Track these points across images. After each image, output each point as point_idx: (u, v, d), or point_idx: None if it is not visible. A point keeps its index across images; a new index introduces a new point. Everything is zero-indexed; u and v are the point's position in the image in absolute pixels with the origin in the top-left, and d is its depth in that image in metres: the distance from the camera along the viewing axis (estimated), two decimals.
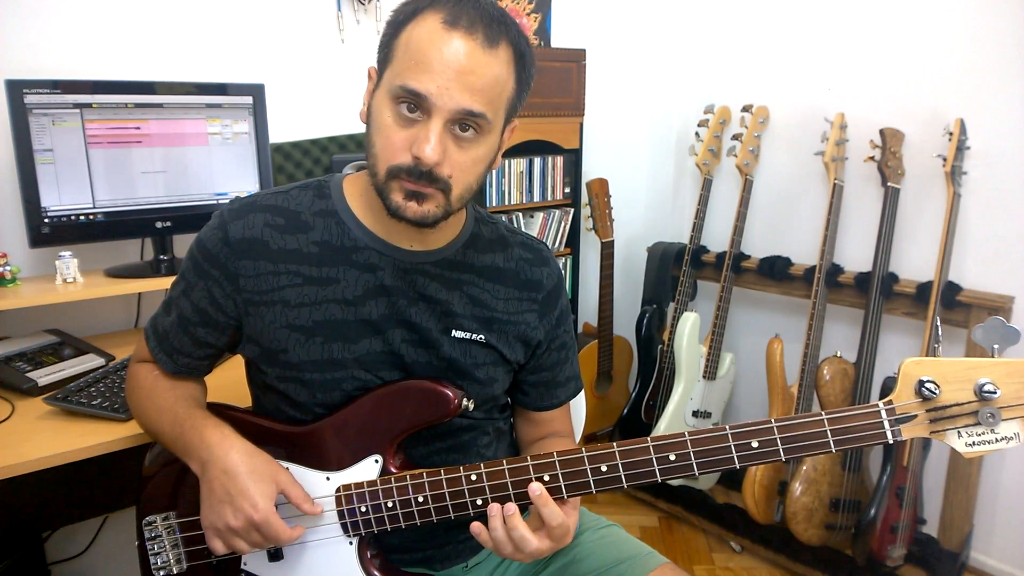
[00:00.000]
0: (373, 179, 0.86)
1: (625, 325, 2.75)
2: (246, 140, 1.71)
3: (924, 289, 2.02)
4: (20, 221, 1.49)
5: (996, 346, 0.75)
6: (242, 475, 0.87)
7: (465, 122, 0.82)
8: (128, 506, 1.70)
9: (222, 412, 1.01)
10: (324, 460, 0.94)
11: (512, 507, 0.84)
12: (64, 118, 1.47)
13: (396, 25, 0.84)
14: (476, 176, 0.87)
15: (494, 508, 0.85)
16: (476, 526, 0.85)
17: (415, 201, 0.84)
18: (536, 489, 0.83)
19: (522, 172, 2.41)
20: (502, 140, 0.91)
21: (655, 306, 2.55)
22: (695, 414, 2.36)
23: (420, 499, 0.89)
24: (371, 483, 0.92)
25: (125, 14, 1.70)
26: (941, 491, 2.06)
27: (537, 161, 2.44)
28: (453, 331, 0.97)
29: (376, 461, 0.93)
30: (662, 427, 2.31)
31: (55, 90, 1.46)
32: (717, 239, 2.58)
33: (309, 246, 0.93)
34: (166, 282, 1.57)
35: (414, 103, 0.81)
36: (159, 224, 1.62)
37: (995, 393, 0.73)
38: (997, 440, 0.75)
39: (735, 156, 2.35)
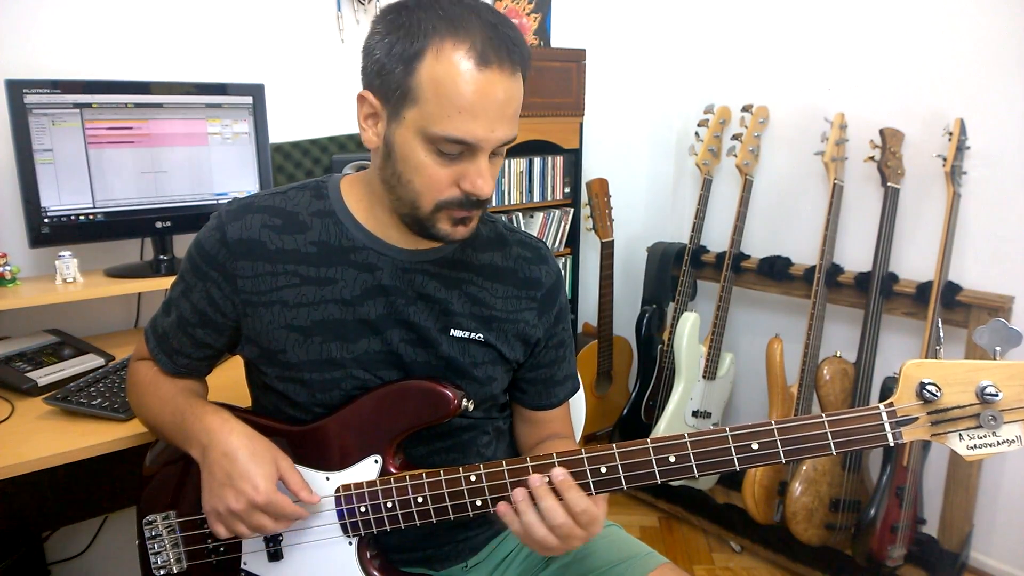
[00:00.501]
0: (410, 209, 0.87)
1: (625, 325, 2.75)
2: (246, 140, 1.71)
3: (924, 289, 2.02)
4: (20, 221, 1.49)
5: (998, 348, 0.75)
6: (242, 458, 0.87)
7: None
8: (128, 506, 1.70)
9: None
10: (324, 460, 0.94)
11: (538, 479, 0.82)
12: (64, 118, 1.47)
13: (407, 60, 0.80)
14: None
15: (519, 493, 0.83)
16: (503, 506, 0.84)
17: (462, 225, 0.88)
18: (559, 474, 0.82)
19: (522, 172, 2.41)
20: None
21: (655, 306, 2.55)
22: (695, 414, 2.36)
23: (419, 500, 0.89)
24: (370, 483, 0.92)
25: (125, 14, 1.70)
26: (941, 491, 2.06)
27: (537, 161, 2.44)
28: (452, 330, 0.97)
29: (376, 461, 0.93)
30: (662, 427, 2.31)
31: (55, 90, 1.45)
32: (717, 239, 2.58)
33: (307, 246, 0.93)
34: (166, 282, 1.57)
35: (459, 147, 0.82)
36: (159, 224, 1.62)
37: (997, 396, 0.73)
38: (999, 443, 0.74)
39: (735, 156, 2.35)
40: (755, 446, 0.79)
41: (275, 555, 0.95)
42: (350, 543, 0.94)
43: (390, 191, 0.88)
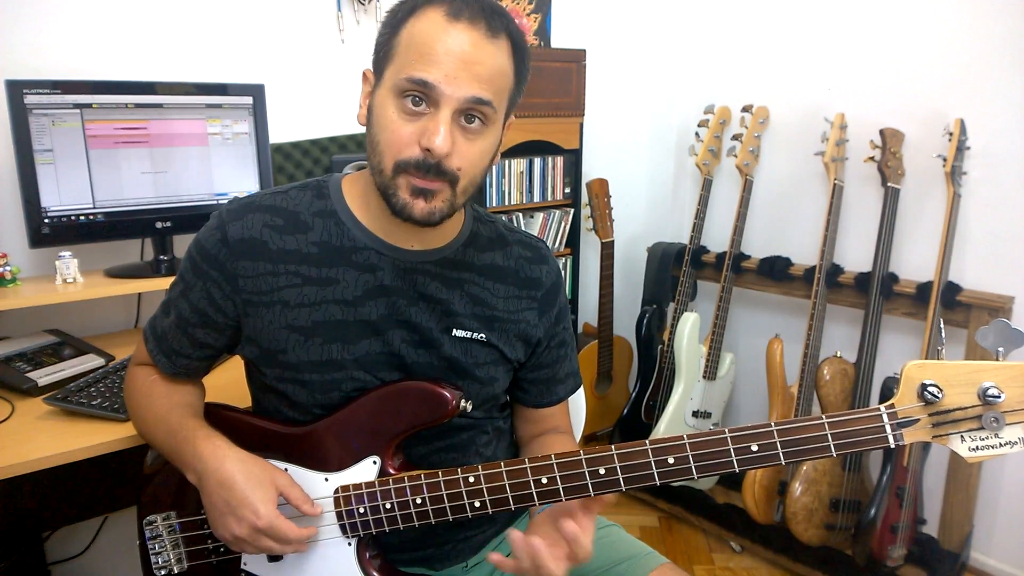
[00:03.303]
0: (378, 178, 0.86)
1: (625, 325, 2.75)
2: (246, 140, 1.70)
3: (924, 289, 2.02)
4: (20, 221, 1.49)
5: (1001, 349, 0.74)
6: (239, 484, 0.86)
7: (472, 112, 0.83)
8: (128, 506, 1.70)
9: (220, 413, 1.01)
10: (323, 461, 0.94)
11: (537, 543, 0.82)
12: (64, 118, 1.47)
13: (393, 24, 0.85)
14: (481, 170, 0.88)
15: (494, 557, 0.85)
16: (496, 557, 0.86)
17: (422, 199, 0.84)
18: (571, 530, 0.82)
19: (522, 172, 2.41)
20: (502, 136, 0.92)
21: (655, 306, 2.55)
22: (695, 414, 2.36)
23: (418, 501, 0.89)
24: (369, 484, 0.91)
25: (125, 14, 1.70)
26: (941, 491, 2.06)
27: (537, 161, 2.43)
28: (454, 330, 0.97)
29: (374, 462, 0.93)
30: (662, 427, 2.31)
31: (55, 90, 1.45)
32: (717, 239, 2.58)
33: (308, 246, 0.92)
34: (166, 282, 1.56)
35: (421, 95, 0.81)
36: (159, 224, 1.62)
37: (999, 397, 0.72)
38: (1001, 445, 0.74)
39: (735, 156, 2.35)
40: (754, 448, 0.79)
41: (275, 556, 0.95)
42: (349, 544, 0.94)
43: (370, 166, 0.88)
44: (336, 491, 0.93)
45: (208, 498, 0.88)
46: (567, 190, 2.55)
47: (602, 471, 0.83)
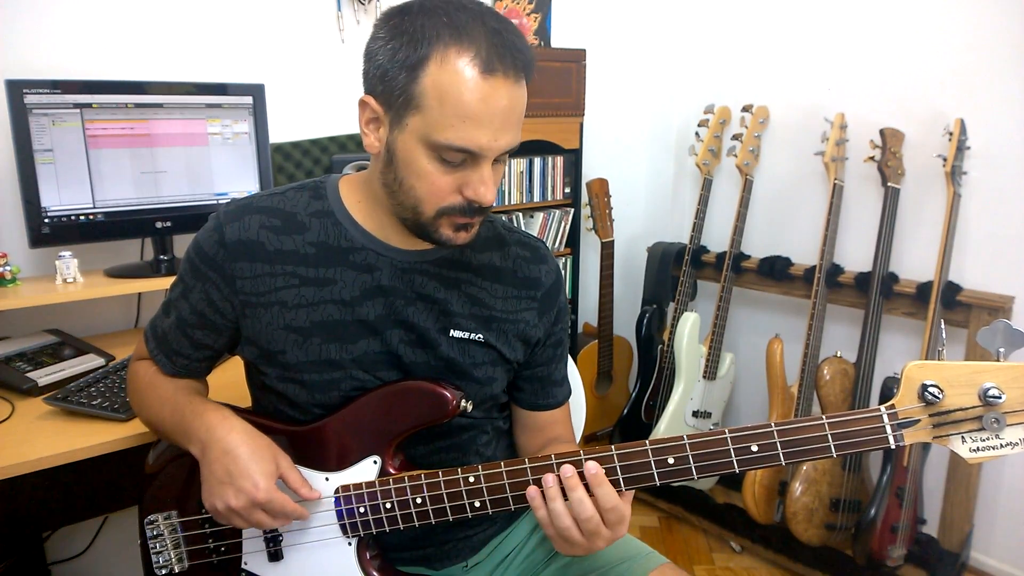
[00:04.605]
0: (412, 215, 0.87)
1: (625, 325, 2.75)
2: (246, 140, 1.70)
3: (924, 289, 2.02)
4: (20, 221, 1.49)
5: (1002, 349, 0.74)
6: (243, 455, 0.87)
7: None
8: (128, 506, 1.70)
9: None
10: (323, 460, 0.94)
11: (570, 469, 0.81)
12: (64, 118, 1.47)
13: (409, 67, 0.79)
14: None
15: (550, 479, 0.81)
16: (533, 490, 0.83)
17: (464, 231, 0.88)
18: (592, 467, 0.80)
19: (522, 172, 2.41)
20: None
21: (655, 306, 2.55)
22: (695, 414, 2.36)
23: (418, 501, 0.89)
24: (370, 484, 0.92)
25: (125, 14, 1.70)
26: (941, 491, 2.06)
27: (537, 161, 2.43)
28: (451, 331, 0.97)
29: (375, 462, 0.93)
30: (662, 427, 2.31)
31: (55, 90, 1.45)
32: (717, 239, 2.58)
33: (306, 247, 0.93)
34: (166, 282, 1.57)
35: (462, 155, 0.82)
36: (159, 224, 1.62)
37: (1000, 398, 0.72)
38: (1002, 446, 0.74)
39: (735, 156, 2.35)
40: (755, 448, 0.79)
41: (275, 555, 0.96)
42: (349, 543, 0.94)
43: (391, 196, 0.88)
44: (336, 491, 0.93)
45: (209, 467, 0.88)
46: (567, 190, 2.55)
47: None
